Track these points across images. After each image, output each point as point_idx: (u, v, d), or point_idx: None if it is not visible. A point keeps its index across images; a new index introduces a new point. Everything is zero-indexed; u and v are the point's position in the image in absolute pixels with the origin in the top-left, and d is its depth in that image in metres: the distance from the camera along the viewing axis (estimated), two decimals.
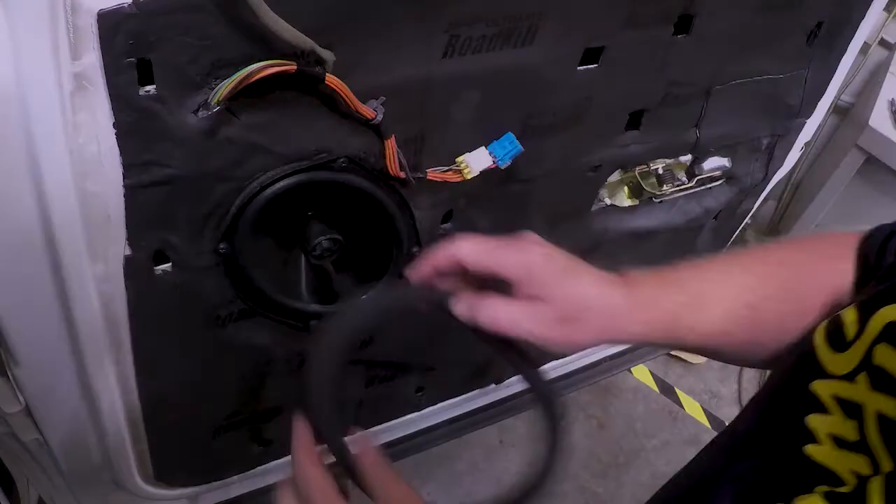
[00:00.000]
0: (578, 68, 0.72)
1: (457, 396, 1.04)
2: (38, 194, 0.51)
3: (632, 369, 2.09)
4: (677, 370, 2.17)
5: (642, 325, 0.54)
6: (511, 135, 0.71)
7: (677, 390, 2.12)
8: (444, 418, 1.08)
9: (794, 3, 0.83)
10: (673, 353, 2.04)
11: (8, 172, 0.49)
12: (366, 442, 0.53)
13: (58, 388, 0.66)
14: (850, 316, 0.45)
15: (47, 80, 0.47)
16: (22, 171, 0.49)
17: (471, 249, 0.54)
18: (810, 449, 0.42)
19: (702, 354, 0.60)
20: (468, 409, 1.10)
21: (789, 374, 0.50)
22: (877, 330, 0.42)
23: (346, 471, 0.53)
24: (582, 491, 1.86)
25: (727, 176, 1.02)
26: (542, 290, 0.53)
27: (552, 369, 1.14)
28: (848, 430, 0.40)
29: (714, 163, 0.98)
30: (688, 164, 0.98)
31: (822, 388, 0.43)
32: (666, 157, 0.94)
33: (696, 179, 0.99)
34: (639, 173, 0.95)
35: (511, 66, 0.67)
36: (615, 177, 0.94)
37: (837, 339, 0.45)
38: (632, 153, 0.87)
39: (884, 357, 0.41)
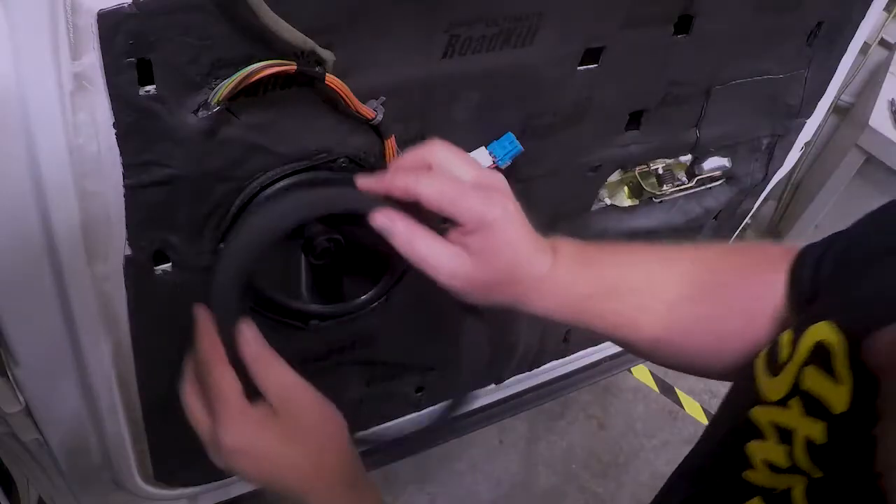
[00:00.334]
0: (578, 68, 0.72)
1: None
2: (38, 194, 0.51)
3: (632, 369, 2.09)
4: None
5: (554, 305, 0.57)
6: (511, 135, 0.71)
7: (677, 390, 2.12)
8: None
9: (794, 4, 0.83)
10: None
11: (8, 172, 0.49)
12: (248, 332, 0.54)
13: (58, 388, 0.66)
14: (785, 338, 0.45)
15: (47, 79, 0.47)
16: (22, 170, 0.49)
17: (435, 192, 0.53)
18: (747, 474, 0.44)
19: (614, 343, 0.62)
20: (468, 409, 1.10)
21: (732, 399, 0.51)
22: (805, 351, 0.42)
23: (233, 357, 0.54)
24: (582, 491, 1.86)
25: (727, 176, 1.02)
26: (482, 246, 0.54)
27: (551, 369, 1.14)
28: (780, 456, 0.41)
29: (714, 163, 0.98)
30: (688, 164, 0.98)
31: (759, 414, 0.44)
32: (666, 157, 0.94)
33: (696, 179, 0.99)
34: (639, 173, 0.95)
35: (511, 66, 0.67)
36: (615, 177, 0.95)
37: (773, 363, 0.45)
38: (632, 153, 0.87)
39: (811, 380, 0.41)
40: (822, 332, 0.41)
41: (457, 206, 0.53)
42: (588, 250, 0.59)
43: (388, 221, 0.55)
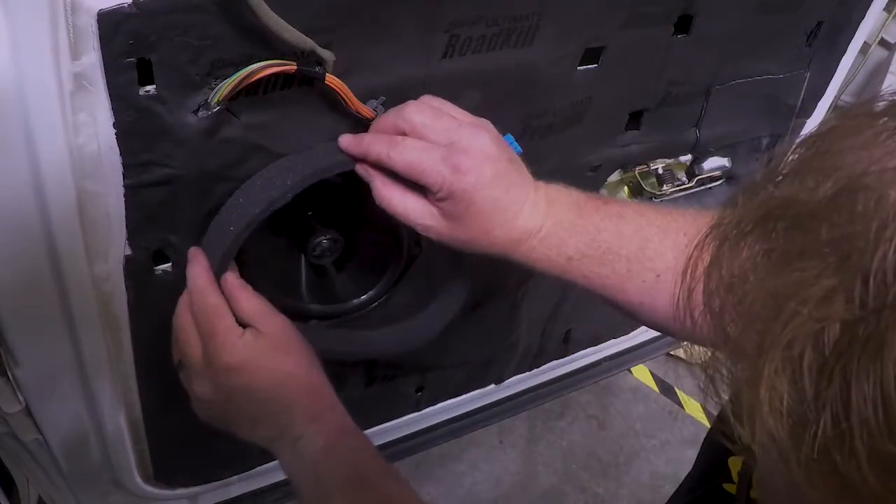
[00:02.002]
0: (578, 68, 0.72)
1: (457, 396, 1.04)
2: (38, 194, 0.51)
3: (632, 369, 2.09)
4: (677, 370, 2.17)
5: (539, 260, 0.57)
6: (510, 136, 0.71)
7: (677, 390, 2.12)
8: (444, 418, 1.08)
9: (794, 4, 0.83)
10: (673, 353, 2.04)
11: (8, 172, 0.49)
12: (230, 273, 0.59)
13: (58, 388, 0.66)
14: None
15: (47, 80, 0.47)
16: (22, 170, 0.49)
17: (404, 163, 0.55)
18: (727, 486, 0.46)
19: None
20: (468, 409, 1.10)
21: (720, 415, 0.52)
22: None
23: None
24: (582, 491, 1.86)
25: (727, 176, 1.02)
26: (453, 211, 0.55)
27: (551, 369, 1.14)
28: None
29: (714, 163, 0.98)
30: (688, 164, 0.98)
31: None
32: (666, 157, 0.94)
33: (696, 179, 0.99)
34: (639, 173, 0.95)
35: (511, 66, 0.67)
36: (615, 177, 0.94)
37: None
38: (632, 153, 0.87)
39: None
40: None
41: (426, 177, 0.54)
42: (585, 206, 0.58)
43: (366, 174, 0.58)
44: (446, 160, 0.54)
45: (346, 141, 0.59)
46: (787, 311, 0.21)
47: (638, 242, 0.57)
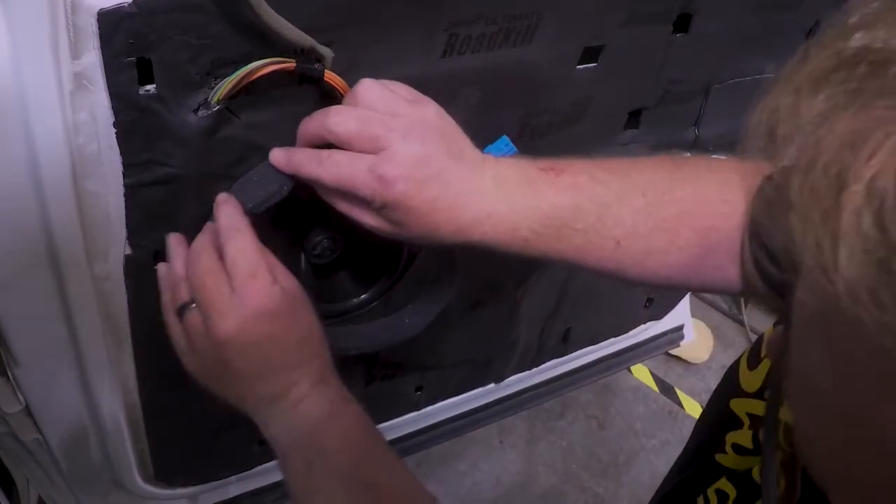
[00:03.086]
0: (577, 67, 0.72)
1: (456, 396, 1.05)
2: (38, 194, 0.51)
3: (632, 369, 2.09)
4: (677, 370, 2.17)
5: (494, 242, 0.55)
6: (506, 137, 0.71)
7: (677, 390, 2.12)
8: (444, 417, 1.08)
9: (794, 3, 0.83)
10: (673, 352, 2.04)
11: (8, 172, 0.49)
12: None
13: (58, 388, 0.66)
14: (769, 332, 0.46)
15: (47, 79, 0.47)
16: (22, 170, 0.49)
17: (332, 181, 0.54)
18: (718, 457, 0.46)
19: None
20: (468, 409, 1.10)
21: (718, 393, 0.52)
22: None
23: None
24: (582, 491, 1.87)
25: None
26: (392, 218, 0.54)
27: (551, 369, 1.14)
28: (746, 440, 0.44)
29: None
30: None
31: (737, 405, 0.46)
32: None
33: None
34: None
35: (510, 65, 0.67)
36: None
37: (754, 358, 0.46)
38: (631, 152, 0.87)
39: None
40: None
41: (357, 192, 0.53)
42: (537, 181, 0.56)
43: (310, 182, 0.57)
44: (373, 171, 0.52)
45: (277, 156, 0.57)
46: (870, 147, 0.20)
47: (594, 212, 0.55)
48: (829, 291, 0.22)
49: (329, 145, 0.55)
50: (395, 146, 0.52)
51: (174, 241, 0.58)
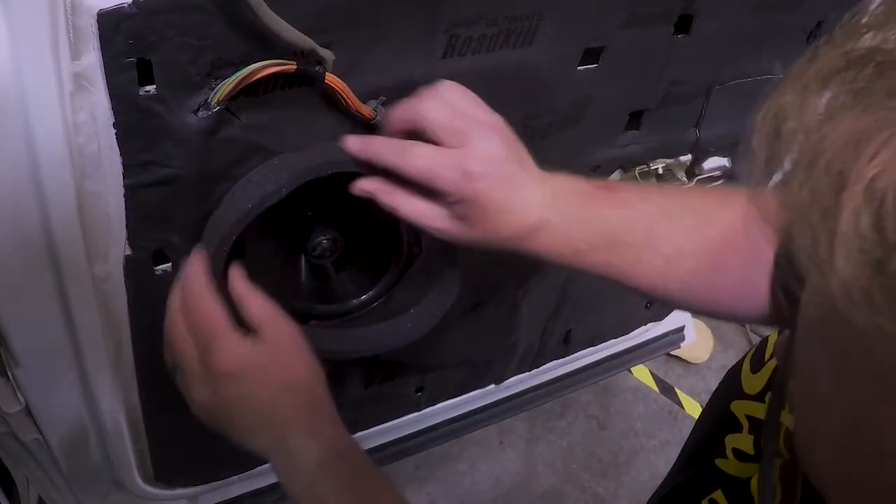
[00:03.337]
0: (578, 68, 0.72)
1: (456, 396, 1.04)
2: (38, 194, 0.51)
3: (632, 369, 2.09)
4: (677, 370, 2.17)
5: (547, 253, 0.58)
6: None
7: (677, 390, 2.12)
8: (444, 418, 1.08)
9: (795, 3, 0.83)
10: (673, 353, 2.04)
11: (7, 172, 0.49)
12: (236, 272, 0.58)
13: (58, 388, 0.66)
14: (773, 336, 0.46)
15: (47, 80, 0.47)
16: (22, 171, 0.49)
17: (415, 169, 0.55)
18: (719, 462, 0.46)
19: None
20: (468, 410, 1.10)
21: (719, 394, 0.52)
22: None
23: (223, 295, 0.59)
24: (582, 491, 1.86)
25: (727, 176, 1.02)
26: (464, 214, 0.56)
27: (551, 369, 1.14)
28: (747, 445, 0.44)
29: (714, 163, 0.98)
30: (688, 164, 0.98)
31: (737, 407, 0.46)
32: (666, 157, 0.94)
33: (696, 179, 0.99)
34: (639, 173, 0.95)
35: (511, 66, 0.67)
36: (615, 177, 0.94)
37: (758, 360, 0.46)
38: (632, 153, 0.87)
39: None
40: None
41: (437, 183, 0.55)
42: (592, 196, 0.59)
43: (369, 187, 0.58)
44: (458, 166, 0.54)
45: (353, 144, 0.59)
46: (873, 147, 0.20)
47: (646, 229, 0.57)
48: (826, 291, 0.22)
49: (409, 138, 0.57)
50: (479, 144, 0.55)
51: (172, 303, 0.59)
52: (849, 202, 0.21)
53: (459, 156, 0.55)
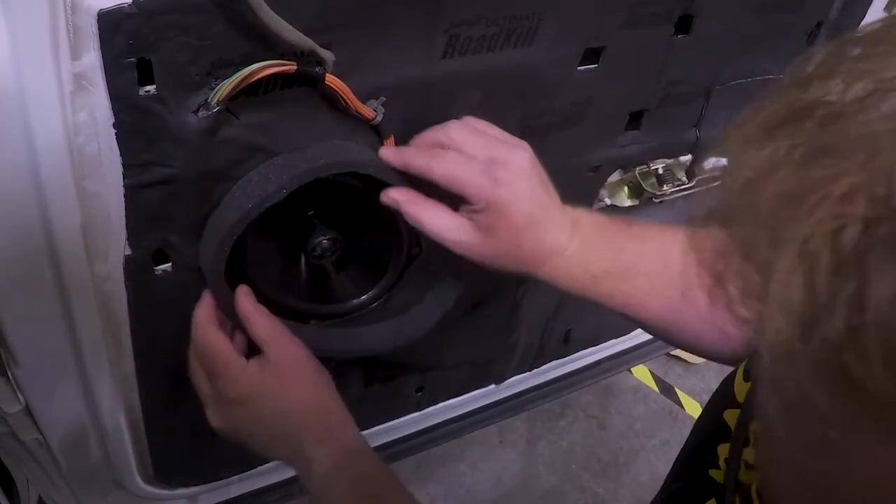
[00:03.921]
0: (578, 68, 0.72)
1: (457, 396, 1.04)
2: (39, 194, 0.51)
3: (632, 369, 2.09)
4: (677, 370, 2.17)
5: (564, 280, 0.59)
6: None
7: (677, 390, 2.12)
8: (445, 418, 1.08)
9: (795, 3, 0.83)
10: (673, 353, 2.04)
11: (7, 172, 0.49)
12: (242, 292, 0.61)
13: (58, 388, 0.66)
14: None
15: (47, 80, 0.47)
16: (22, 171, 0.49)
17: (443, 173, 0.57)
18: (712, 472, 0.46)
19: (622, 318, 0.62)
20: (468, 409, 1.10)
21: (714, 402, 0.52)
22: None
23: (236, 323, 0.63)
24: (582, 491, 1.86)
25: None
26: (488, 223, 0.57)
27: (551, 369, 1.14)
28: (751, 456, 0.43)
29: (714, 163, 0.98)
30: (688, 163, 0.98)
31: (729, 416, 0.46)
32: (666, 157, 0.94)
33: (696, 179, 0.99)
34: (639, 173, 0.95)
35: (511, 66, 0.67)
36: (615, 177, 0.94)
37: (750, 370, 0.46)
38: (632, 153, 0.87)
39: None
40: None
41: (464, 188, 0.56)
42: (608, 227, 0.60)
43: (397, 197, 0.60)
44: (486, 172, 0.56)
45: (387, 154, 0.61)
46: (807, 207, 0.20)
47: (660, 260, 0.58)
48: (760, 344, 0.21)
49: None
50: (508, 155, 0.57)
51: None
52: (781, 262, 0.20)
53: (488, 163, 0.56)
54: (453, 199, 0.59)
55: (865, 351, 0.18)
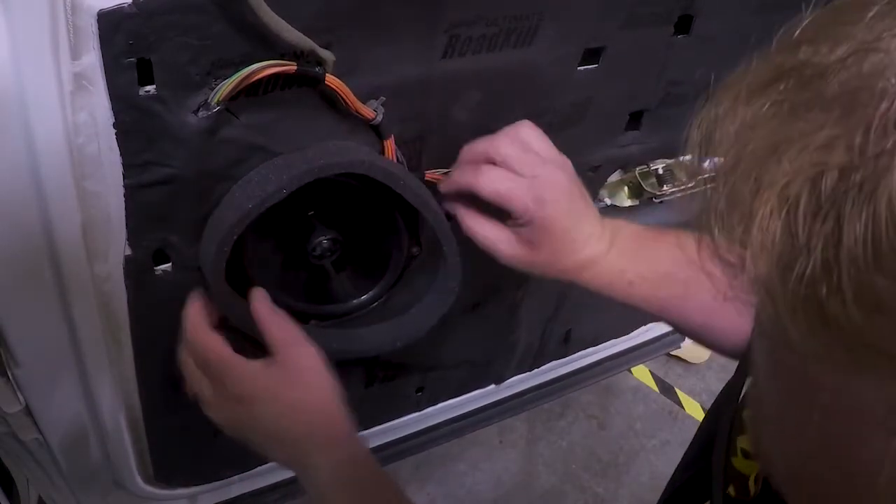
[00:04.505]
0: (578, 68, 0.72)
1: (457, 396, 1.04)
2: (39, 194, 0.51)
3: (632, 369, 2.09)
4: (677, 370, 2.17)
5: (603, 286, 0.63)
6: None
7: (677, 390, 2.12)
8: (445, 418, 1.08)
9: (795, 3, 0.83)
10: (673, 353, 2.04)
11: (8, 172, 0.49)
12: (259, 294, 0.62)
13: (58, 388, 0.66)
14: None
15: (47, 80, 0.47)
16: (22, 171, 0.49)
17: (490, 189, 0.60)
18: (734, 461, 0.47)
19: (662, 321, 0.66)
20: (468, 409, 1.10)
21: (726, 395, 0.53)
22: None
23: (238, 324, 0.63)
24: (582, 491, 1.86)
25: None
26: (531, 237, 0.61)
27: (551, 369, 1.14)
28: (749, 444, 0.44)
29: (714, 162, 0.98)
30: (688, 163, 0.98)
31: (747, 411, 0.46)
32: (666, 157, 0.94)
33: (696, 179, 0.99)
34: (639, 173, 0.95)
35: (511, 66, 0.67)
36: (615, 177, 0.94)
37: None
38: (632, 153, 0.87)
39: None
40: None
41: (509, 203, 0.61)
42: (645, 236, 0.64)
43: (452, 208, 0.65)
44: (531, 190, 0.60)
45: (445, 178, 0.66)
46: (788, 156, 0.22)
47: (695, 267, 0.59)
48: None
49: None
50: (551, 175, 0.61)
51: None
52: (762, 206, 0.22)
53: (532, 182, 0.60)
54: (499, 211, 0.63)
55: (839, 287, 0.20)
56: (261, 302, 0.62)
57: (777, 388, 0.27)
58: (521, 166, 0.61)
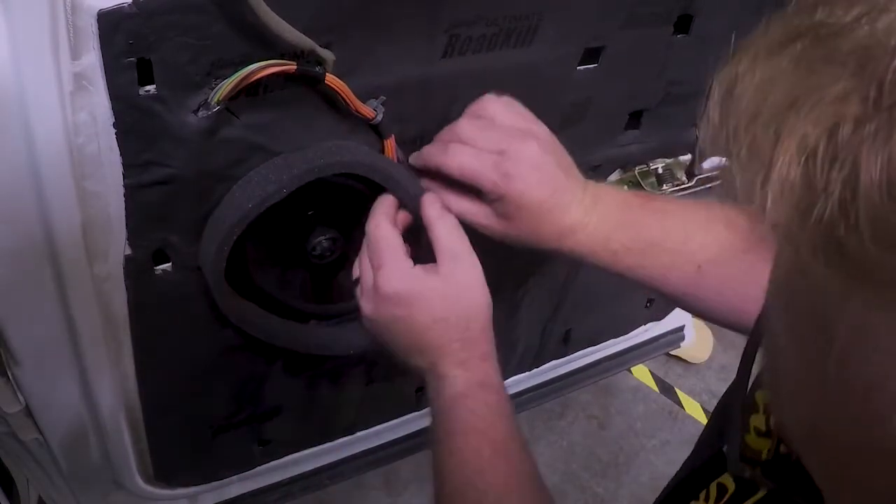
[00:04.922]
0: (578, 68, 0.72)
1: None
2: (39, 194, 0.51)
3: (632, 369, 2.09)
4: (677, 370, 2.17)
5: (586, 253, 0.62)
6: None
7: (677, 390, 2.12)
8: None
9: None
10: (673, 353, 2.04)
11: (8, 173, 0.49)
12: (430, 198, 0.63)
13: (58, 388, 0.66)
14: None
15: (47, 80, 0.47)
16: (22, 171, 0.49)
17: (456, 167, 0.60)
18: (747, 438, 0.47)
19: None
20: None
21: (739, 380, 0.53)
22: None
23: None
24: (582, 491, 1.86)
25: None
26: (504, 211, 0.60)
27: (551, 369, 1.14)
28: (762, 423, 0.45)
29: (714, 162, 0.98)
30: (688, 163, 0.98)
31: (760, 395, 0.47)
32: (666, 157, 0.94)
33: (696, 179, 0.99)
34: (639, 173, 0.95)
35: (511, 65, 0.67)
36: (615, 177, 0.94)
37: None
38: (632, 153, 0.87)
39: None
40: None
41: (477, 182, 0.60)
42: (630, 202, 0.63)
43: (428, 188, 0.65)
44: (497, 167, 0.59)
45: (412, 158, 0.66)
46: (806, 108, 0.23)
47: (681, 236, 0.61)
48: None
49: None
50: (517, 148, 0.60)
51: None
52: (782, 154, 0.23)
53: (499, 159, 0.59)
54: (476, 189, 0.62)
55: (857, 225, 0.21)
56: (431, 205, 0.62)
57: (793, 339, 0.28)
58: (485, 143, 0.60)
